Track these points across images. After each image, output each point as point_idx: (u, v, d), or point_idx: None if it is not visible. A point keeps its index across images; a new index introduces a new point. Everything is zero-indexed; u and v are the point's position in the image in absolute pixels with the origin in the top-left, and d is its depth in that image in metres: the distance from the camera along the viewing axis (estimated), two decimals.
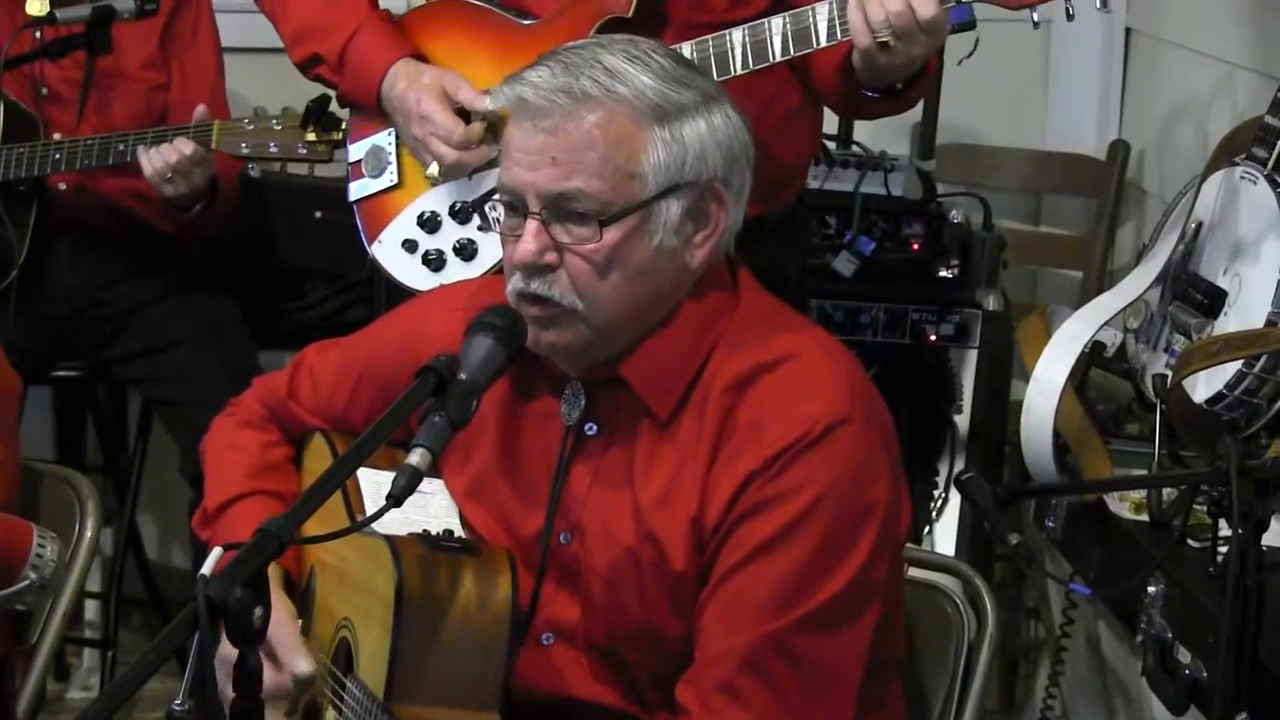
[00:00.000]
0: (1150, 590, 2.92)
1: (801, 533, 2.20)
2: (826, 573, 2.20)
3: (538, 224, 2.24)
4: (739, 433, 2.25)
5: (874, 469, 2.26)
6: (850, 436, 2.23)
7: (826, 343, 2.36)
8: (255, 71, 4.30)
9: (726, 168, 2.29)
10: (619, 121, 2.23)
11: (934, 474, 4.09)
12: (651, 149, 2.24)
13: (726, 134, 2.29)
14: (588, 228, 2.23)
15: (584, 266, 2.24)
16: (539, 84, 2.24)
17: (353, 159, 3.25)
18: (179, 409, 4.06)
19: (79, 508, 3.01)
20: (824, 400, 2.24)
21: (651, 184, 2.24)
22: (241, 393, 2.71)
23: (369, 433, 2.13)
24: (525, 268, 2.25)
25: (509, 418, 2.40)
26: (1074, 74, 4.76)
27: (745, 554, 2.22)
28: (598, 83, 2.23)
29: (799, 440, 2.21)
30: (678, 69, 2.29)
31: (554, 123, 2.23)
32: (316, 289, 4.40)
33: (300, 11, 3.21)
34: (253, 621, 1.88)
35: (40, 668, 2.93)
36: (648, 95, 2.24)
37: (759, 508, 2.22)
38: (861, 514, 2.23)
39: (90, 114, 3.99)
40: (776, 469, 2.21)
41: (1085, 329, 3.29)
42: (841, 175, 4.09)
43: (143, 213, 4.01)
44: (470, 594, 2.26)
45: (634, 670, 2.33)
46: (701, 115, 2.27)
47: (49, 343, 4.07)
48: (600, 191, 2.23)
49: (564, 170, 2.23)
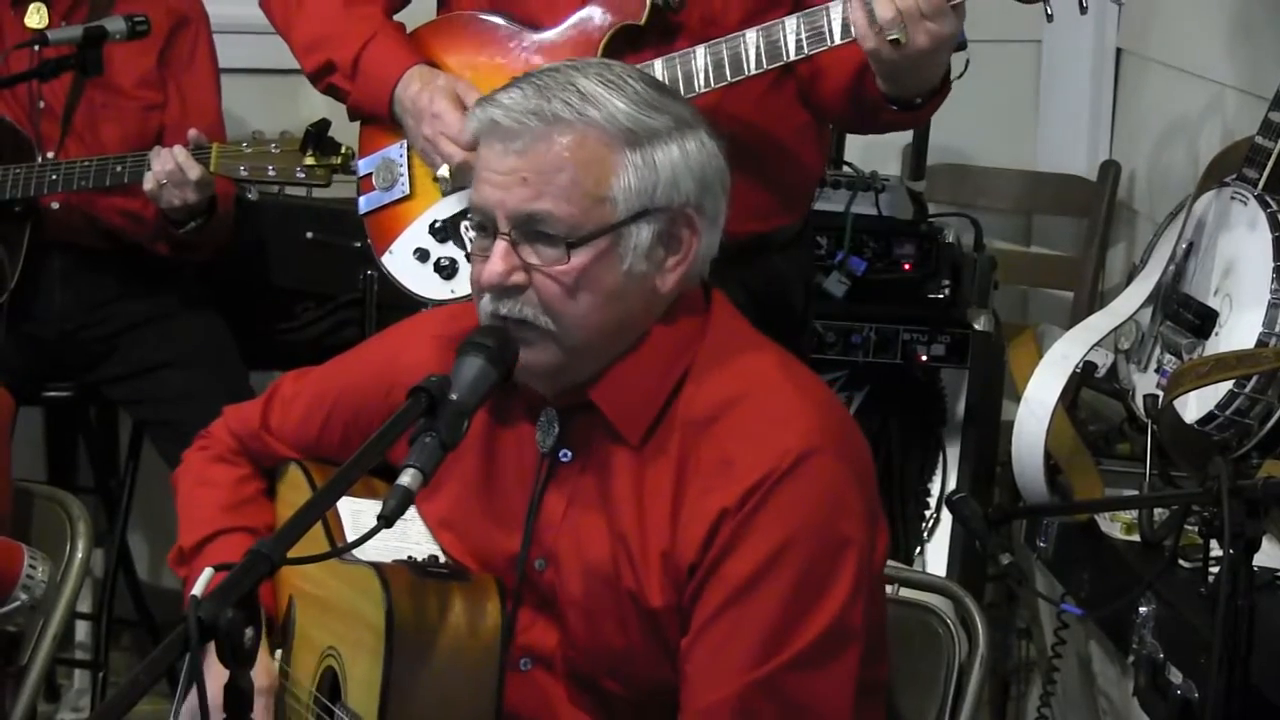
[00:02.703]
0: (1142, 611, 2.92)
1: (778, 571, 2.19)
2: (808, 612, 2.19)
3: (506, 244, 2.23)
4: (707, 468, 2.23)
5: (847, 501, 2.24)
6: (820, 467, 2.21)
7: (796, 372, 2.35)
8: (253, 92, 4.31)
9: (699, 193, 2.28)
10: (590, 145, 2.23)
11: (925, 494, 4.09)
12: (622, 173, 2.23)
13: (700, 159, 2.28)
14: (556, 249, 2.22)
15: (553, 288, 2.23)
16: (510, 106, 2.24)
17: (362, 172, 3.25)
18: (170, 429, 4.05)
19: (70, 528, 3.01)
20: (793, 432, 2.22)
21: (622, 208, 2.24)
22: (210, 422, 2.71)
23: (355, 456, 2.12)
24: (492, 289, 2.25)
25: (484, 444, 2.39)
26: (1064, 94, 4.76)
27: (725, 597, 2.20)
28: (570, 105, 2.22)
29: (769, 475, 2.19)
30: (652, 94, 2.28)
31: (524, 144, 2.23)
32: (308, 310, 4.40)
33: (314, 21, 3.21)
34: (244, 642, 1.88)
35: (30, 689, 2.93)
36: (620, 119, 2.23)
37: (733, 545, 2.20)
38: (838, 547, 2.21)
39: (82, 132, 3.99)
40: (750, 506, 2.19)
41: (1076, 349, 3.28)
42: (832, 195, 4.09)
43: (134, 232, 4.01)
44: (460, 620, 2.26)
45: (610, 698, 2.33)
46: (675, 140, 2.26)
47: (40, 363, 4.07)
48: (569, 214, 2.22)
49: (533, 191, 2.22)
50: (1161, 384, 3.23)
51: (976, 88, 3.41)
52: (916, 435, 4.09)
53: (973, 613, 2.58)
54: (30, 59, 3.91)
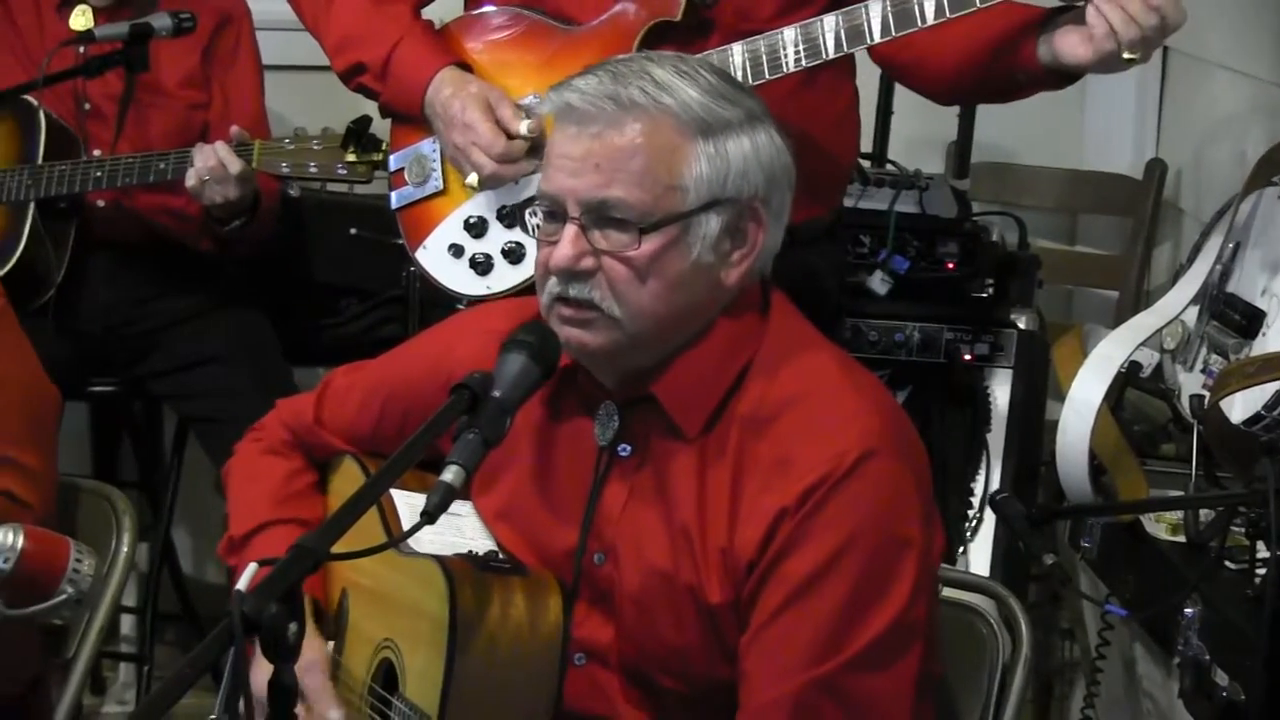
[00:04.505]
0: (1187, 612, 2.90)
1: (839, 570, 2.18)
2: (868, 611, 2.19)
3: (576, 229, 2.24)
4: (765, 467, 2.23)
5: (906, 501, 2.24)
6: (879, 469, 2.21)
7: (855, 372, 2.35)
8: (295, 89, 4.32)
9: (767, 187, 2.29)
10: (664, 132, 2.23)
11: (968, 494, 4.08)
12: (695, 162, 2.24)
13: (769, 154, 2.29)
14: (627, 234, 2.23)
15: (622, 272, 2.23)
16: (586, 90, 2.25)
17: (394, 167, 3.26)
18: (213, 424, 4.06)
19: (115, 523, 3.02)
20: (852, 433, 2.22)
21: (693, 196, 2.24)
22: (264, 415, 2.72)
23: (401, 451, 2.13)
24: (561, 272, 2.25)
25: (542, 439, 2.40)
26: (1110, 92, 4.74)
27: (785, 596, 2.20)
28: (645, 93, 2.23)
29: (828, 476, 2.19)
30: (724, 86, 2.29)
31: (599, 129, 2.23)
32: (350, 305, 4.41)
33: (343, 21, 3.21)
34: (288, 638, 1.89)
35: (76, 682, 2.95)
36: (694, 109, 2.24)
37: (793, 546, 2.20)
38: (897, 547, 2.21)
39: (129, 130, 3.99)
40: (809, 506, 2.19)
41: (1121, 349, 3.27)
42: (875, 194, 4.08)
43: (179, 230, 4.03)
44: (522, 614, 2.27)
45: (666, 694, 2.33)
46: (746, 133, 2.27)
47: (85, 358, 4.08)
48: (640, 201, 2.23)
49: (605, 178, 2.23)
50: (1207, 384, 3.22)
51: None
52: (960, 435, 4.08)
53: (1016, 613, 2.57)
54: (75, 59, 3.93)
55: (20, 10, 4.09)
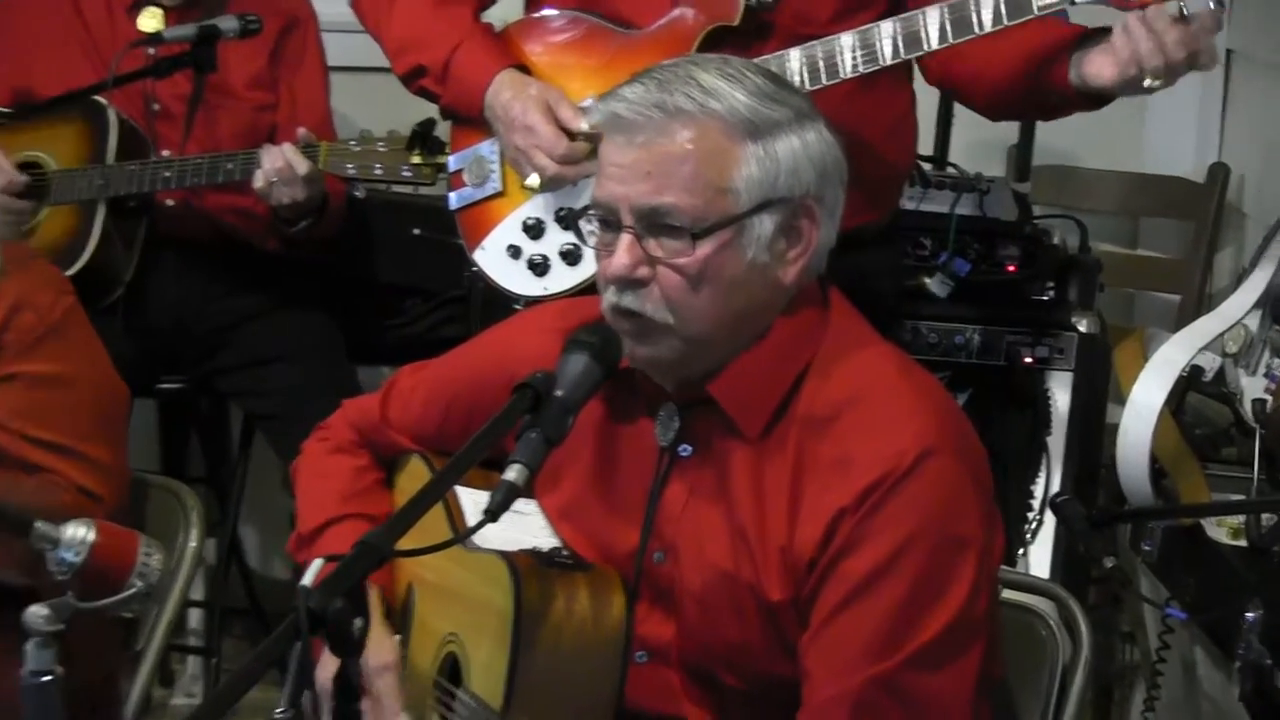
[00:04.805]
0: (1248, 616, 2.88)
1: (898, 569, 2.18)
2: (928, 609, 2.19)
3: (631, 238, 2.25)
4: (825, 466, 2.23)
5: (965, 501, 2.24)
6: (938, 468, 2.21)
7: (914, 372, 2.35)
8: (361, 91, 4.34)
9: (819, 184, 2.29)
10: (712, 136, 2.23)
11: (1028, 496, 4.06)
12: (744, 164, 2.24)
13: (819, 150, 2.29)
14: (680, 241, 2.23)
15: (676, 279, 2.24)
16: (633, 99, 2.25)
17: (453, 168, 3.27)
18: (278, 422, 4.09)
19: (183, 518, 3.05)
20: (911, 432, 2.22)
21: (744, 199, 2.24)
22: (330, 415, 2.74)
23: (464, 450, 2.15)
24: (618, 281, 2.25)
25: (603, 439, 2.41)
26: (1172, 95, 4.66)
27: (845, 594, 2.20)
28: (692, 98, 2.23)
29: (888, 475, 2.19)
30: (771, 86, 2.29)
31: (647, 137, 2.23)
32: (414, 305, 4.42)
33: (404, 25, 3.23)
34: (353, 633, 1.90)
35: (146, 674, 2.97)
36: (741, 111, 2.24)
37: (853, 545, 2.20)
38: (957, 547, 2.21)
39: (197, 131, 4.01)
40: (868, 506, 2.19)
41: (1183, 353, 3.25)
42: (936, 196, 4.07)
43: (246, 230, 4.05)
44: (585, 609, 2.27)
45: (727, 691, 2.33)
46: (795, 132, 2.27)
47: (154, 355, 4.11)
48: (692, 206, 2.22)
49: (656, 185, 2.23)
50: (1270, 388, 3.19)
51: None
52: (1020, 437, 4.06)
53: (1076, 615, 2.56)
54: (145, 60, 3.96)
55: (91, 10, 4.12)
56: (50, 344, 2.88)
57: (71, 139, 3.98)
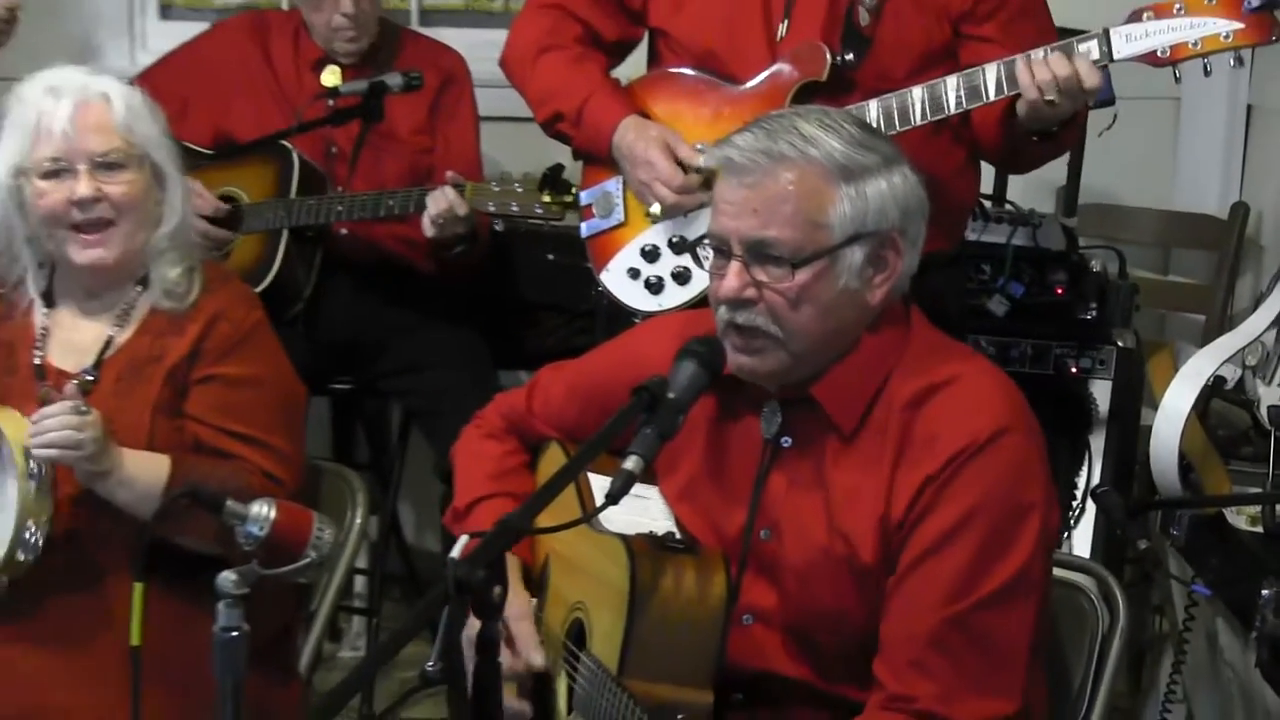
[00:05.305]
0: (1264, 593, 2.83)
1: (971, 526, 2.19)
2: (996, 561, 2.19)
3: (740, 265, 2.25)
4: (917, 443, 2.24)
5: (1031, 472, 2.25)
6: (1011, 444, 2.23)
7: (987, 367, 2.36)
8: (504, 138, 4.35)
9: (903, 220, 2.28)
10: (810, 179, 2.23)
11: (1073, 487, 4.02)
12: (838, 203, 2.23)
13: (904, 191, 2.28)
14: (782, 269, 2.24)
15: (779, 300, 2.24)
16: (743, 146, 2.25)
17: (584, 202, 3.29)
18: (432, 417, 4.10)
19: (350, 499, 3.07)
20: (988, 414, 2.24)
21: (838, 233, 2.24)
22: (485, 407, 2.75)
23: (591, 441, 2.16)
24: (728, 300, 2.27)
25: (715, 432, 2.41)
26: (1200, 144, 4.66)
27: (926, 547, 2.21)
28: (794, 146, 2.23)
29: (967, 448, 2.21)
30: (863, 135, 2.28)
31: (755, 179, 2.24)
32: (548, 319, 4.42)
33: (545, 79, 3.27)
34: (493, 598, 1.90)
35: (318, 630, 3.00)
36: (836, 157, 2.24)
37: (933, 505, 2.21)
38: (1023, 510, 2.22)
39: (364, 170, 4.03)
40: (948, 473, 2.21)
41: (1208, 365, 3.20)
42: (995, 229, 4.03)
43: (407, 255, 4.06)
44: (691, 588, 2.27)
45: (822, 648, 2.33)
46: (883, 175, 2.26)
47: (327, 360, 4.13)
48: (792, 239, 2.23)
49: (762, 220, 2.23)
50: None
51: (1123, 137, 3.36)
52: (1066, 436, 4.01)
53: (1114, 591, 2.55)
54: (325, 110, 3.99)
55: (282, 65, 4.16)
56: (242, 350, 2.90)
57: (261, 177, 4.01)
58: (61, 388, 2.85)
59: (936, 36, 3.06)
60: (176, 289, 2.90)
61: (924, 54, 3.05)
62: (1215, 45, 2.82)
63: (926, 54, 3.05)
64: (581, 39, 3.30)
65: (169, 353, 2.86)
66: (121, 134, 2.84)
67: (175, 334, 2.88)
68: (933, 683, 2.19)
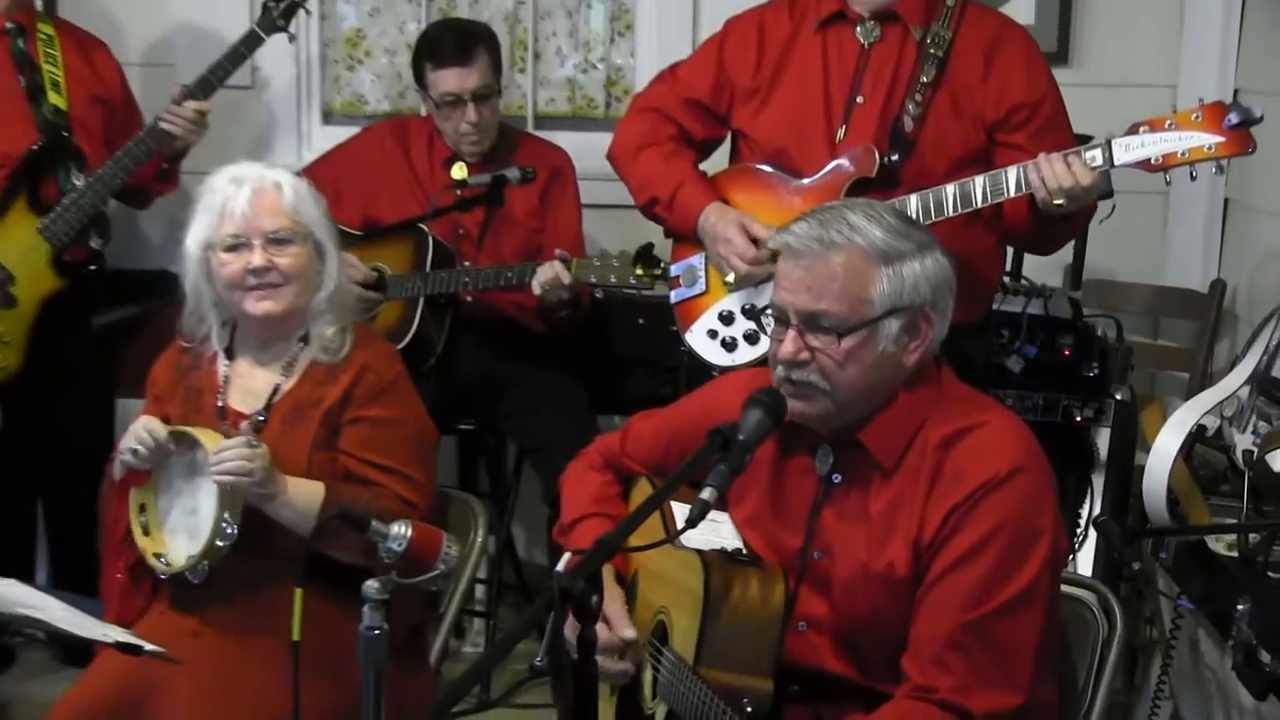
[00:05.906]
0: (1239, 608, 2.79)
1: (990, 547, 2.18)
2: (1010, 576, 2.17)
3: (795, 332, 2.26)
4: (946, 478, 2.23)
5: (1043, 503, 2.23)
6: (1025, 480, 2.21)
7: (1007, 415, 2.34)
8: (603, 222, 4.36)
9: (934, 295, 2.27)
10: (855, 262, 2.23)
11: (1077, 517, 3.97)
12: (879, 282, 2.23)
13: (935, 271, 2.28)
14: (830, 336, 2.24)
15: (829, 362, 2.25)
16: (800, 234, 2.26)
17: (673, 274, 3.31)
18: (541, 454, 4.09)
19: (473, 521, 3.07)
20: (1007, 454, 2.22)
21: (878, 307, 2.24)
22: (586, 446, 2.75)
23: (674, 474, 2.17)
24: (785, 362, 2.26)
25: (776, 468, 2.40)
26: (1185, 231, 4.61)
27: (950, 562, 2.19)
28: (842, 234, 2.24)
29: (989, 481, 2.19)
30: (902, 225, 2.28)
31: (809, 262, 2.24)
32: (639, 372, 4.42)
33: (644, 170, 3.31)
34: (591, 605, 1.89)
35: (445, 629, 2.99)
36: (878, 244, 2.24)
37: (958, 528, 2.20)
38: (1034, 535, 2.20)
39: (487, 248, 4.05)
40: (972, 502, 2.19)
41: (1192, 416, 3.18)
42: (1013, 300, 4.01)
43: (522, 318, 4.07)
44: (755, 595, 2.27)
45: (864, 650, 2.31)
46: (917, 259, 2.26)
47: (454, 405, 4.13)
48: (840, 312, 2.23)
49: (814, 296, 2.24)
50: (1256, 443, 3.11)
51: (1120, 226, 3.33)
52: (1072, 474, 3.97)
53: (1112, 604, 2.52)
54: (453, 199, 4.01)
55: (419, 161, 4.19)
56: (386, 397, 2.91)
57: (402, 253, 4.04)
58: (238, 426, 2.88)
59: (973, 141, 3.07)
60: (332, 345, 2.92)
61: (960, 156, 3.05)
62: (1200, 155, 2.81)
63: (962, 156, 3.05)
64: (675, 138, 3.33)
65: (325, 398, 2.89)
66: (290, 215, 2.88)
67: (331, 382, 2.90)
68: (951, 677, 2.17)
